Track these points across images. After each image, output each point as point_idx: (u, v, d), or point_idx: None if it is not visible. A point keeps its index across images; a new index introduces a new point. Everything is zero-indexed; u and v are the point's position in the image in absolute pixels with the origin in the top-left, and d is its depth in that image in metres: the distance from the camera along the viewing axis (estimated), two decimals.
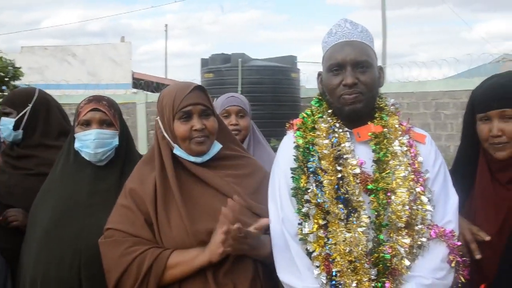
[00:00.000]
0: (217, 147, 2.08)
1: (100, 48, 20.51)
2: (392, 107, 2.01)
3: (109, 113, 2.33)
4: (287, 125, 2.09)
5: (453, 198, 1.96)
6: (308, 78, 11.38)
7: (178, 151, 2.04)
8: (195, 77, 11.50)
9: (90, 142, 2.28)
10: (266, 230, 1.94)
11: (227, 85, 9.96)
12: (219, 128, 2.11)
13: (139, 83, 16.19)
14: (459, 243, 1.89)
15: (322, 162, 1.87)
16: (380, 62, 17.94)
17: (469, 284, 1.93)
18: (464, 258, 1.91)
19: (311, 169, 1.88)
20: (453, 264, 1.88)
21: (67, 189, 2.32)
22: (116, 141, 2.34)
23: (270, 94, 9.47)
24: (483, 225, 2.02)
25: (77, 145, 2.33)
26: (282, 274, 1.90)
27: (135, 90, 18.27)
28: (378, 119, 1.95)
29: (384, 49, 18.47)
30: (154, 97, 13.39)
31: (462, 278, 1.90)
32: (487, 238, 1.98)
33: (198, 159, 2.04)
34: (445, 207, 1.93)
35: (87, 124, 2.32)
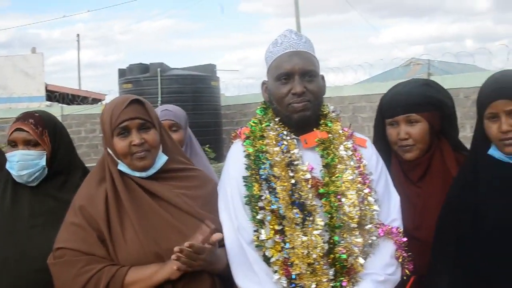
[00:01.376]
0: (162, 159, 2.05)
1: (9, 59, 19.41)
2: (333, 114, 2.10)
3: (34, 133, 2.23)
4: (232, 134, 2.12)
5: (395, 197, 2.08)
6: (227, 86, 11.48)
7: (122, 167, 2.01)
8: (112, 87, 11.23)
9: (14, 164, 2.21)
10: (221, 242, 1.95)
11: (147, 95, 9.81)
12: (164, 141, 2.09)
13: (54, 95, 15.57)
14: (405, 239, 2.01)
15: (275, 169, 1.92)
16: None
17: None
18: (409, 253, 2.02)
19: (263, 177, 1.92)
20: (400, 260, 1.99)
21: (5, 213, 2.22)
22: (43, 162, 2.24)
23: (191, 103, 9.45)
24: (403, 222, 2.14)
25: (7, 166, 2.24)
26: (241, 281, 1.92)
27: (49, 103, 17.54)
28: (323, 125, 2.03)
29: None
30: (69, 109, 12.91)
31: (407, 271, 2.01)
32: None
33: (143, 174, 2.01)
34: (389, 206, 2.04)
35: (13, 144, 2.24)
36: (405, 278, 2.03)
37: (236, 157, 2.02)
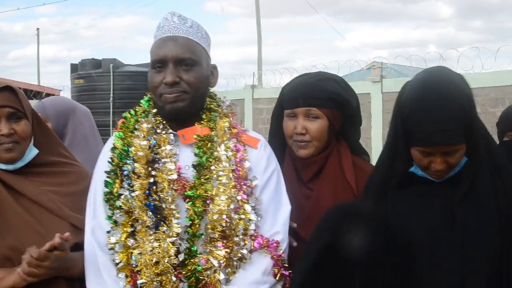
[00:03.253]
0: (32, 152, 1.91)
1: None
2: (226, 109, 1.88)
3: None
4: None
5: (285, 208, 1.83)
6: None
7: None
8: (66, 83, 10.93)
9: None
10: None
11: (98, 91, 9.71)
12: (42, 133, 1.96)
13: None
14: (284, 255, 1.77)
15: (136, 164, 1.72)
16: (256, 68, 18.23)
17: None
18: (290, 272, 1.77)
19: (125, 173, 1.73)
20: (277, 278, 1.75)
21: None
22: None
23: None
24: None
25: None
26: (90, 285, 1.76)
27: None
28: (206, 120, 1.81)
29: (259, 55, 19.02)
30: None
31: None
32: (294, 225, 1.89)
33: (10, 167, 1.86)
34: (275, 217, 1.80)
35: None
36: None
37: (106, 150, 1.84)
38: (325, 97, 1.99)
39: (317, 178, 2.03)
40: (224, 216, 1.69)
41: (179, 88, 1.74)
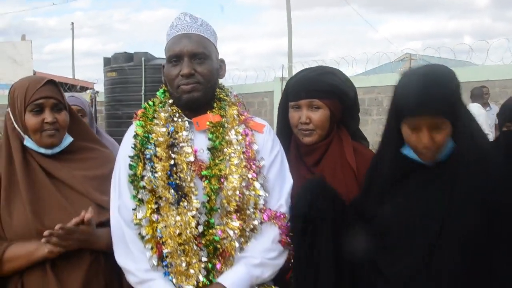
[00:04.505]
0: (68, 140, 2.15)
1: None
2: (234, 98, 2.11)
3: None
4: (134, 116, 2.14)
5: (288, 183, 2.07)
6: None
7: (28, 143, 2.08)
8: (100, 76, 11.25)
9: None
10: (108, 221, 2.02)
11: (131, 84, 9.90)
12: (74, 123, 2.19)
13: None
14: (288, 224, 2.00)
15: (157, 149, 1.95)
16: (286, 60, 18.10)
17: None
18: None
19: (147, 157, 1.94)
20: (284, 246, 1.98)
21: None
22: None
23: None
24: None
25: None
26: (119, 258, 1.97)
27: None
28: (217, 109, 2.04)
29: (290, 48, 18.92)
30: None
31: (292, 257, 2.00)
32: None
33: (49, 151, 2.09)
34: (280, 192, 2.04)
35: None
36: (291, 265, 2.02)
37: (128, 137, 2.06)
38: (325, 89, 2.19)
39: (319, 163, 2.24)
40: (238, 192, 1.92)
41: (194, 79, 1.96)
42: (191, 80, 1.96)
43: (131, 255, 1.94)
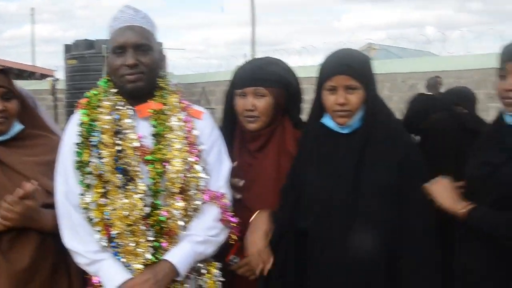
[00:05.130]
0: (17, 127, 2.22)
1: None
2: (174, 87, 2.24)
3: None
4: (76, 105, 2.24)
5: (226, 165, 2.24)
6: (176, 65, 11.49)
7: None
8: (61, 63, 11.15)
9: None
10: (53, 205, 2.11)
11: (91, 72, 9.83)
12: (25, 111, 2.26)
13: None
14: (229, 203, 2.17)
15: (103, 136, 2.05)
16: (250, 50, 18.24)
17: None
18: (236, 218, 2.18)
19: (93, 143, 2.05)
20: (224, 223, 2.15)
21: None
22: None
23: None
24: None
25: None
26: (67, 241, 2.08)
27: None
28: (158, 97, 2.17)
29: (253, 37, 19.06)
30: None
31: (234, 235, 2.18)
32: (240, 183, 2.32)
33: None
34: (218, 174, 2.20)
35: None
36: (231, 242, 2.20)
37: (72, 125, 2.15)
38: (270, 78, 2.32)
39: (262, 150, 2.38)
40: (181, 175, 2.06)
41: (138, 69, 2.07)
42: (135, 70, 2.07)
43: (79, 238, 2.05)
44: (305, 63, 10.98)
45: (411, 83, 9.09)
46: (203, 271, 2.15)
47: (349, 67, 2.05)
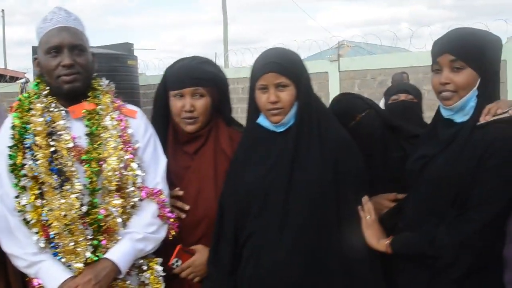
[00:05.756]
0: None
1: None
2: (106, 87, 2.27)
3: None
4: (7, 108, 2.24)
5: (162, 162, 2.28)
6: (148, 66, 11.42)
7: None
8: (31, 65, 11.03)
9: None
10: None
11: None
12: None
13: None
14: (166, 199, 2.21)
15: (36, 138, 2.06)
16: (222, 48, 18.30)
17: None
18: (173, 213, 2.23)
19: (27, 146, 2.06)
20: (163, 219, 2.20)
21: None
22: None
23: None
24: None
25: None
26: (5, 245, 2.09)
27: None
28: (92, 97, 2.19)
29: (225, 36, 19.14)
30: None
31: (173, 231, 2.23)
32: (180, 192, 2.33)
33: None
34: (156, 171, 2.24)
35: None
36: (170, 238, 2.24)
37: (5, 129, 2.15)
38: (208, 77, 2.32)
39: (199, 150, 2.37)
40: (117, 173, 2.09)
41: (75, 70, 2.10)
42: (72, 70, 2.09)
43: (17, 241, 2.05)
44: None
45: (380, 80, 9.16)
46: (144, 267, 2.20)
47: (278, 64, 2.06)
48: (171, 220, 2.22)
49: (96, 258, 2.06)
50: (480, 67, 1.91)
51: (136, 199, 2.15)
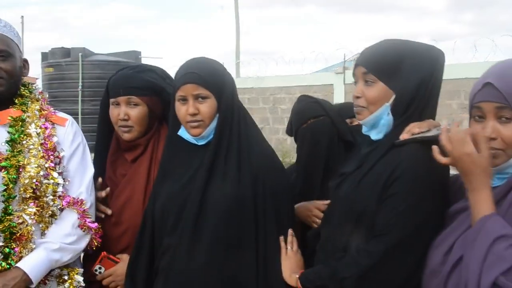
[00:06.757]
0: None
1: None
2: (39, 95, 2.27)
3: None
4: None
5: (89, 172, 2.26)
6: None
7: None
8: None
9: None
10: None
11: (68, 80, 9.92)
12: None
13: None
14: (89, 210, 2.19)
15: None
16: (234, 58, 18.52)
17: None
18: (96, 224, 2.20)
19: None
20: (84, 230, 2.16)
21: None
22: None
23: None
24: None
25: None
26: None
27: None
28: (18, 104, 2.20)
29: (237, 46, 19.45)
30: None
31: (95, 242, 2.20)
32: (103, 193, 2.32)
33: None
34: (81, 180, 2.22)
35: None
36: (94, 248, 2.21)
37: None
38: (142, 86, 2.30)
39: (138, 159, 2.36)
40: (34, 180, 2.08)
41: None
42: None
43: None
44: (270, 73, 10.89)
45: None
46: (65, 277, 2.18)
47: (197, 75, 2.00)
48: (94, 230, 2.19)
49: (8, 266, 2.05)
50: (394, 82, 1.80)
51: (54, 208, 2.13)
